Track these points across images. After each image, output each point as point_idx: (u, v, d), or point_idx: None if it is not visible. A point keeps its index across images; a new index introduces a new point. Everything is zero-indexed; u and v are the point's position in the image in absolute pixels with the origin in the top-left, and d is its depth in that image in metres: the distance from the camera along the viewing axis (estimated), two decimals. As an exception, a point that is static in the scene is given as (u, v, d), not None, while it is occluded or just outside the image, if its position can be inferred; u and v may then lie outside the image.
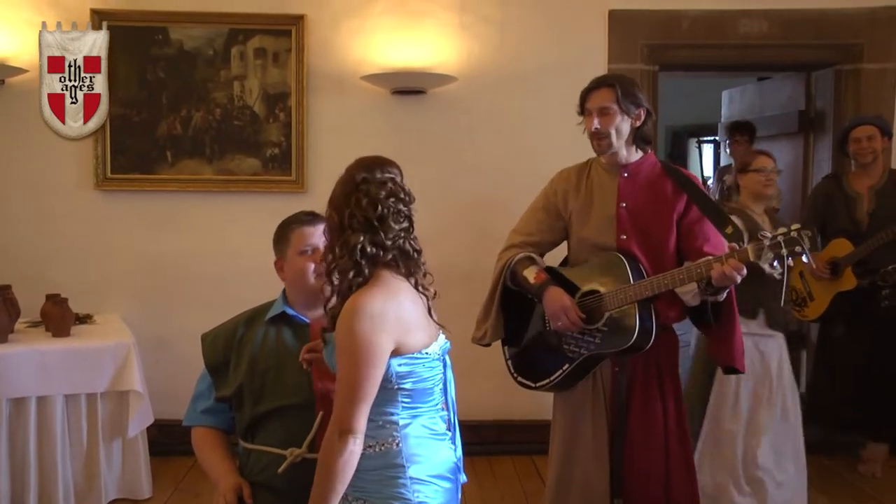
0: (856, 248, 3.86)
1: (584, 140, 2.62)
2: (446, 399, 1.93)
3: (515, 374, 2.71)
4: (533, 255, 2.66)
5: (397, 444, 1.77)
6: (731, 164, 5.26)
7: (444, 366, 1.91)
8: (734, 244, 2.31)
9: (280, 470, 2.03)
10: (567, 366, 2.54)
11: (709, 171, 10.10)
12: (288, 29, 4.16)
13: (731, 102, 5.85)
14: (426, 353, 1.81)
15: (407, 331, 1.76)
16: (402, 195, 1.82)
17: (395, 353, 1.75)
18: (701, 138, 10.31)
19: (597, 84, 2.55)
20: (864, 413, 3.98)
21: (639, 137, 2.55)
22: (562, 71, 4.23)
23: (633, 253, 2.51)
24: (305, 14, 4.15)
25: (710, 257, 2.34)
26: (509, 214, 4.24)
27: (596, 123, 2.50)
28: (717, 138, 7.10)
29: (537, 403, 4.13)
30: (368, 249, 1.77)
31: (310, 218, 2.24)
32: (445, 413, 1.92)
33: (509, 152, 4.26)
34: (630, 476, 2.51)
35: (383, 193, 1.79)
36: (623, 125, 2.50)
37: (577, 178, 2.66)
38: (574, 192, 2.64)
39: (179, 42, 4.16)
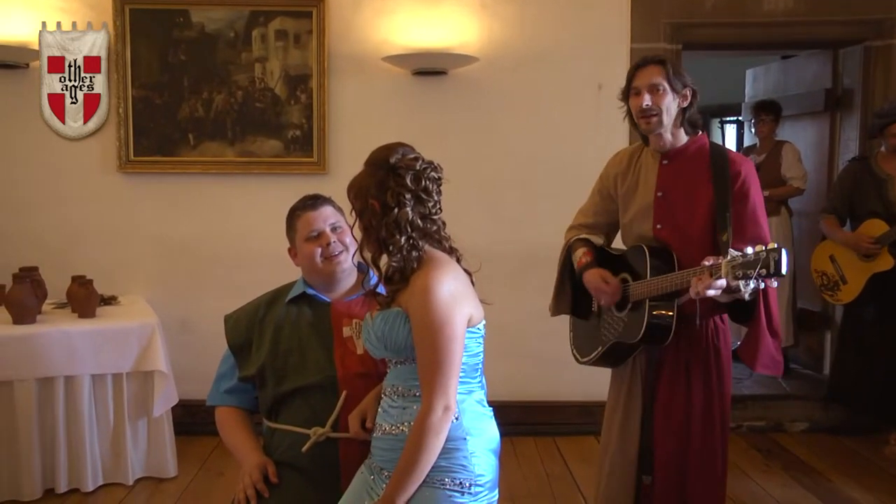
0: (892, 228, 3.80)
1: (607, 120, 2.57)
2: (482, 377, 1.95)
3: (571, 348, 2.75)
4: (588, 236, 2.62)
5: (456, 418, 1.79)
6: (755, 144, 5.20)
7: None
8: (719, 257, 2.14)
9: (304, 449, 2.05)
10: (600, 347, 2.55)
11: (732, 151, 9.98)
12: (309, 10, 4.15)
13: (756, 81, 5.77)
14: (478, 329, 1.86)
15: (471, 305, 1.82)
16: (434, 164, 1.88)
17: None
18: (724, 118, 10.18)
19: (646, 62, 2.43)
20: (890, 400, 3.93)
21: (686, 120, 2.43)
22: (583, 51, 4.20)
23: (666, 244, 2.42)
24: (326, -5, 4.15)
25: (696, 268, 2.19)
26: (529, 195, 4.27)
27: (647, 100, 2.37)
28: (740, 118, 7.00)
29: (560, 385, 4.14)
30: (419, 222, 1.82)
31: (312, 202, 2.24)
32: (485, 391, 1.94)
33: (530, 132, 4.24)
34: (657, 457, 2.51)
35: (419, 165, 1.84)
36: (672, 104, 2.39)
37: (627, 162, 2.56)
38: (622, 177, 2.57)
39: (201, 24, 4.17)
